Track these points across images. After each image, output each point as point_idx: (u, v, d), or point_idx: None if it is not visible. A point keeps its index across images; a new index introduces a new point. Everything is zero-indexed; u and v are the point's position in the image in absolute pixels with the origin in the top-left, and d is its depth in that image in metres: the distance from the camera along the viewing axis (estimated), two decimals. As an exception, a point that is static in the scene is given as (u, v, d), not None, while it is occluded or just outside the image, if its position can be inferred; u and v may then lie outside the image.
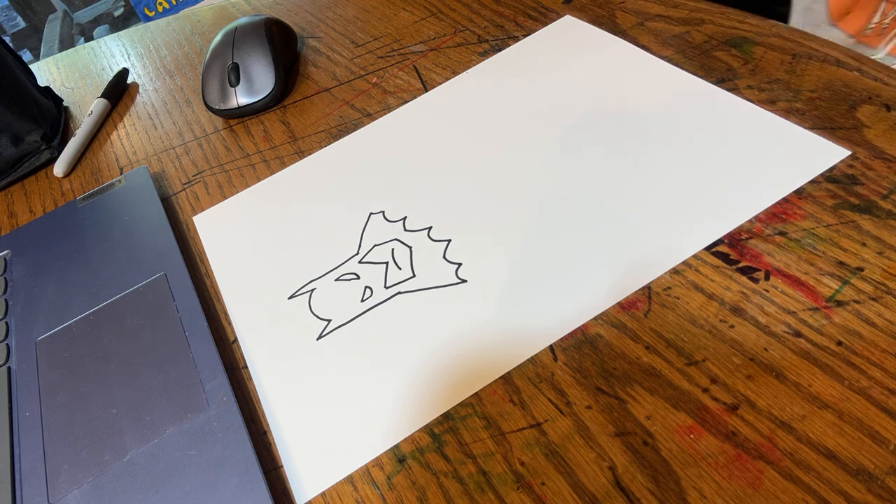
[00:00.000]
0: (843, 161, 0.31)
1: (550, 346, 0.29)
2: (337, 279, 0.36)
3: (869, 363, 0.25)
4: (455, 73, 0.47)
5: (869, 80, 0.35)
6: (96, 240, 0.43)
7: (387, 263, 0.35)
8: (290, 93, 0.53)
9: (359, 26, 0.57)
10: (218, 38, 0.53)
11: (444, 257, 0.34)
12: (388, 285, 0.34)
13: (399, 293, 0.34)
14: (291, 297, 0.36)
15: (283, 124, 0.49)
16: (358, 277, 0.35)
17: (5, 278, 0.43)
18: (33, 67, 0.72)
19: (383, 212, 0.38)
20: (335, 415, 0.30)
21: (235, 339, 0.35)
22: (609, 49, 0.43)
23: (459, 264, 0.34)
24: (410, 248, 0.36)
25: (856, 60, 0.36)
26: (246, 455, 0.29)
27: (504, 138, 0.40)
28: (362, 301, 0.34)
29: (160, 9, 2.27)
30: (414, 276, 0.34)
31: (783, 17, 0.63)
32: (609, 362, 0.28)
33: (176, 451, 0.30)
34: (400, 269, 0.35)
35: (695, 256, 0.30)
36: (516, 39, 0.47)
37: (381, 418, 0.29)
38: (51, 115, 0.58)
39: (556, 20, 0.47)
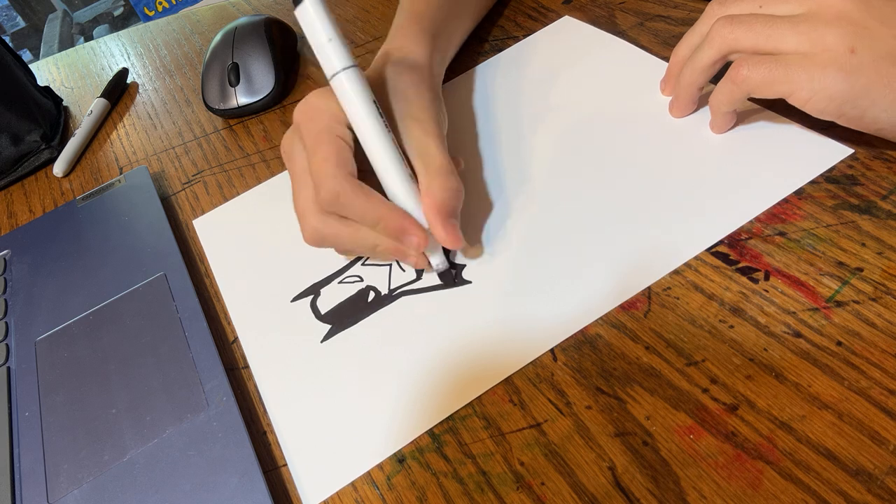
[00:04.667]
0: (842, 161, 0.31)
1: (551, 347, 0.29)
2: (340, 282, 0.36)
3: (869, 363, 0.25)
4: (455, 74, 0.47)
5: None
6: (96, 240, 0.43)
7: (390, 266, 0.35)
8: (290, 93, 0.53)
9: (359, 26, 0.57)
10: (218, 37, 0.53)
11: (448, 259, 0.34)
12: (391, 287, 0.34)
13: (403, 295, 0.34)
14: (294, 299, 0.36)
15: (284, 124, 0.49)
16: (361, 280, 0.35)
17: (5, 278, 0.43)
18: (33, 67, 0.72)
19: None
20: (338, 418, 0.30)
21: (235, 339, 0.35)
22: (609, 49, 0.43)
23: (463, 266, 0.34)
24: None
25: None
26: (246, 455, 0.29)
27: (504, 139, 0.40)
28: (366, 303, 0.34)
29: (160, 8, 2.27)
30: (417, 278, 0.34)
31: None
32: (609, 362, 0.28)
33: (176, 451, 0.30)
34: (403, 271, 0.35)
35: (695, 256, 0.30)
36: (516, 39, 0.47)
37: (384, 423, 0.29)
38: (50, 115, 0.58)
39: (555, 20, 0.47)
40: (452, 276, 0.34)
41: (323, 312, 0.35)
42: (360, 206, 0.31)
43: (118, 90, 0.61)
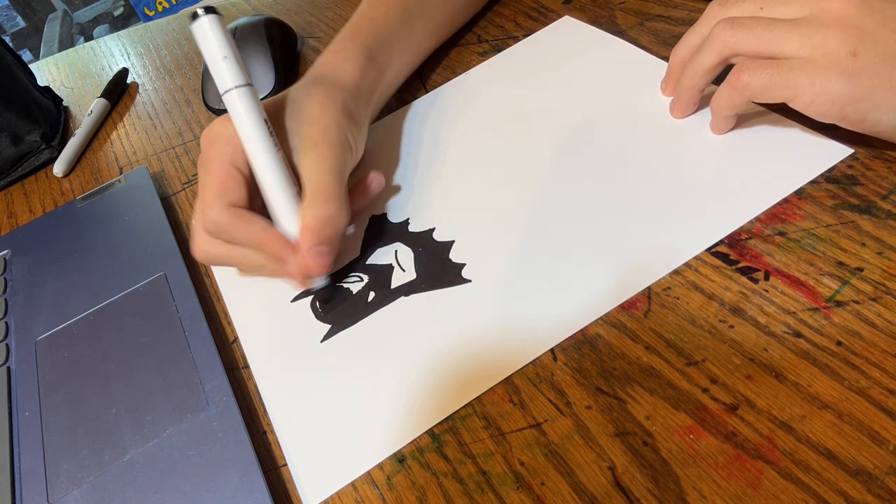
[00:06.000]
0: (842, 161, 0.31)
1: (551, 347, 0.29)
2: (341, 282, 0.36)
3: (868, 363, 0.25)
4: (455, 73, 0.47)
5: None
6: (96, 240, 0.43)
7: (391, 266, 0.35)
8: (290, 93, 0.53)
9: (359, 26, 0.57)
10: (218, 37, 0.53)
11: (449, 258, 0.34)
12: (392, 287, 0.34)
13: (403, 295, 0.34)
14: (294, 299, 0.36)
15: (283, 124, 0.49)
16: (361, 280, 0.35)
17: (5, 278, 0.43)
18: (33, 67, 0.72)
19: (385, 214, 0.38)
20: (338, 418, 0.30)
21: (235, 339, 0.35)
22: (609, 49, 0.43)
23: (463, 265, 0.34)
24: (413, 249, 0.36)
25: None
26: (246, 455, 0.29)
27: (505, 139, 0.40)
28: (366, 303, 0.34)
29: (160, 8, 2.27)
30: (417, 277, 0.34)
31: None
32: (609, 362, 0.28)
33: (176, 451, 0.30)
34: (404, 270, 0.35)
35: (695, 256, 0.30)
36: (516, 39, 0.47)
37: (384, 423, 0.29)
38: (50, 115, 0.58)
39: (555, 20, 0.47)
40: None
41: (323, 313, 0.34)
42: (240, 233, 0.32)
43: (118, 90, 0.61)
